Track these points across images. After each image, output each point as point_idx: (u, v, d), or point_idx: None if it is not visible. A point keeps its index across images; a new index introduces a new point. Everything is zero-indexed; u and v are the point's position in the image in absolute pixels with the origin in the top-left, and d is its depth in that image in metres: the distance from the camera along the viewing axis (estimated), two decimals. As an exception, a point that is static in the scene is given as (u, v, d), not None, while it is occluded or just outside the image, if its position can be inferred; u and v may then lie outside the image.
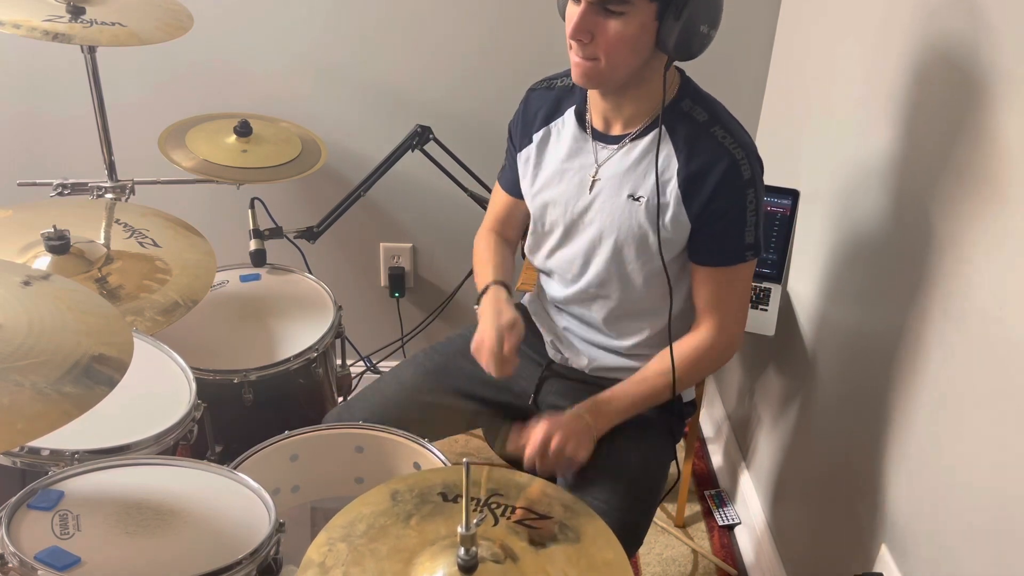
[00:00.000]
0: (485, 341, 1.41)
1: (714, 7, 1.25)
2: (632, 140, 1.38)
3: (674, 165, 1.34)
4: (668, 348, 1.42)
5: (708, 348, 1.43)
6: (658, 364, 1.44)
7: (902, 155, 1.46)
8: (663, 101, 1.34)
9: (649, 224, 1.37)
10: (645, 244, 1.39)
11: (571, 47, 1.29)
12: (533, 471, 1.34)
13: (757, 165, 1.36)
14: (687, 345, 1.44)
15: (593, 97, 1.41)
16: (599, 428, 1.40)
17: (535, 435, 1.35)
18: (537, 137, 1.49)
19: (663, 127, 1.34)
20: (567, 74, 1.42)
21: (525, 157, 1.52)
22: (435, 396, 1.58)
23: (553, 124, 1.48)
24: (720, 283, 1.40)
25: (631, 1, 1.21)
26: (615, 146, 1.39)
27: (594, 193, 1.42)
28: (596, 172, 1.42)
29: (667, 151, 1.35)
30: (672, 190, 1.34)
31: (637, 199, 1.37)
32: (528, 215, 1.56)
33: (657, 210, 1.35)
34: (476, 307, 1.51)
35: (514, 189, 1.59)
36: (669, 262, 1.39)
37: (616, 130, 1.40)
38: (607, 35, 1.24)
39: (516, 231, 1.67)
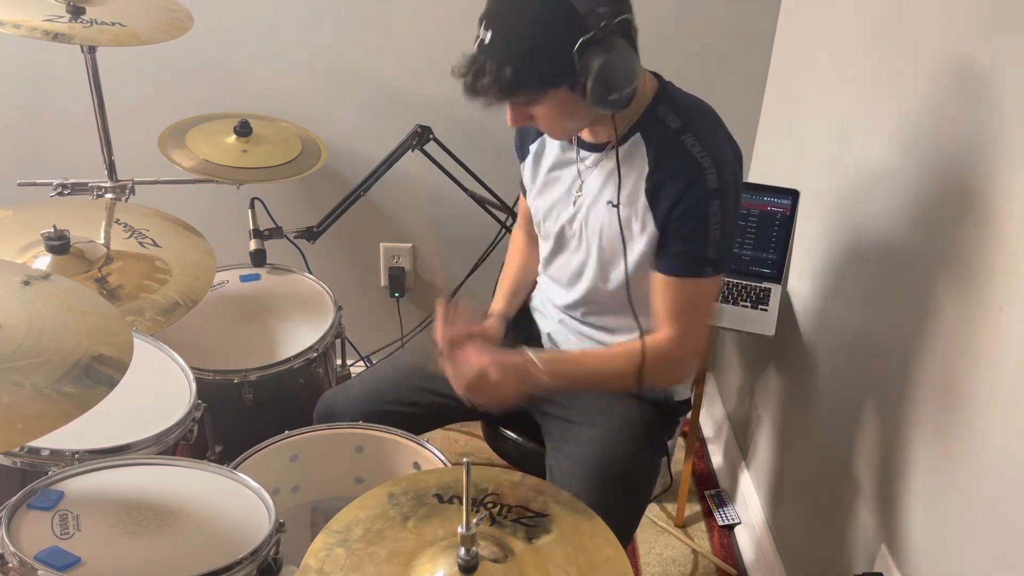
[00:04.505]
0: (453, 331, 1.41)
1: (616, 75, 1.22)
2: (612, 148, 1.38)
3: (644, 172, 1.34)
4: (639, 342, 1.39)
5: (661, 356, 1.38)
6: (626, 352, 1.40)
7: (902, 155, 1.46)
8: (615, 136, 1.34)
9: (625, 230, 1.37)
10: (618, 250, 1.40)
11: None
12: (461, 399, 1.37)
13: (729, 177, 1.31)
14: (648, 342, 1.39)
15: None
16: (544, 386, 1.37)
17: (475, 363, 1.33)
18: (533, 148, 1.52)
19: (640, 134, 1.35)
20: None
21: (525, 167, 1.55)
22: (431, 382, 1.58)
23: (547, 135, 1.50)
24: (676, 294, 1.36)
25: (537, 98, 1.26)
26: (599, 154, 1.41)
27: (580, 201, 1.43)
28: (581, 181, 1.43)
29: (640, 158, 1.35)
30: (640, 196, 1.34)
31: (615, 206, 1.38)
32: None
33: (629, 217, 1.36)
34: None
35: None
36: (650, 268, 1.39)
37: (601, 139, 1.41)
38: (539, 117, 1.31)
39: None
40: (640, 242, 1.37)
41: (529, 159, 1.53)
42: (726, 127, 1.37)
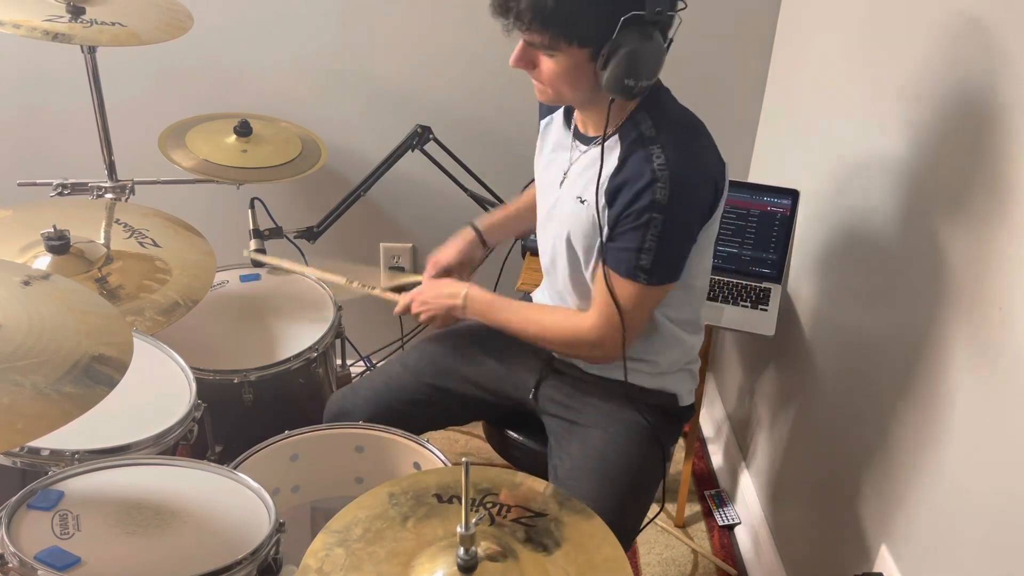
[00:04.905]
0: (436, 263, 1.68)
1: (642, 63, 1.22)
2: (596, 145, 1.38)
3: (609, 174, 1.34)
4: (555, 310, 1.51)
5: (578, 333, 1.44)
6: (558, 316, 1.50)
7: (902, 155, 1.46)
8: (605, 126, 1.33)
9: (591, 227, 1.37)
10: (588, 248, 1.40)
11: None
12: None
13: (683, 196, 1.29)
14: (567, 318, 1.48)
15: None
16: (466, 316, 1.53)
17: (405, 300, 1.58)
18: (543, 124, 1.54)
19: (618, 134, 1.34)
20: None
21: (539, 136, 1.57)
22: (438, 379, 1.60)
23: (556, 114, 1.51)
24: (608, 286, 1.37)
25: (559, 48, 1.24)
26: (586, 147, 1.41)
27: (562, 189, 1.44)
28: (568, 170, 1.43)
29: (613, 160, 1.34)
30: (602, 197, 1.34)
31: (583, 202, 1.38)
32: None
33: (594, 215, 1.36)
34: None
35: None
36: None
37: (591, 132, 1.41)
38: (543, 69, 1.29)
39: None
40: (600, 241, 1.37)
41: (541, 133, 1.55)
42: (711, 148, 1.34)
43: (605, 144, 1.35)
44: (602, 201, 1.34)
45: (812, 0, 1.94)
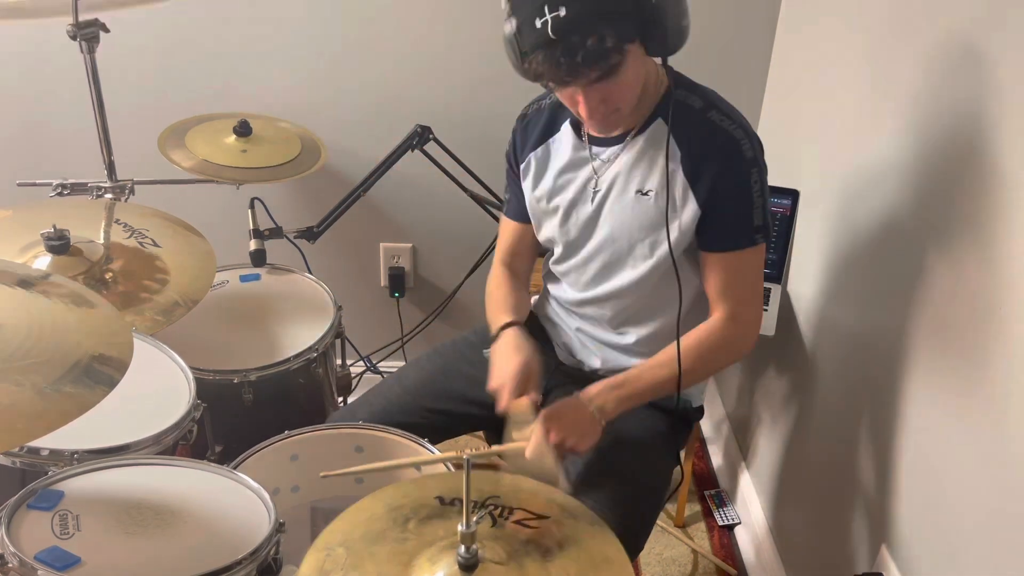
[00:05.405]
0: (506, 384, 1.38)
1: (681, 2, 1.23)
2: (633, 137, 1.38)
3: (677, 154, 1.34)
4: (683, 338, 1.40)
5: (720, 338, 1.40)
6: (690, 339, 1.41)
7: (902, 154, 1.46)
8: (670, 91, 1.34)
9: (660, 217, 1.36)
10: (657, 238, 1.38)
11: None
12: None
13: (758, 146, 1.35)
14: (700, 334, 1.41)
15: None
16: (608, 414, 1.37)
17: (536, 431, 1.32)
18: (536, 155, 1.49)
19: (661, 119, 1.34)
20: (548, 93, 1.45)
21: (524, 172, 1.52)
22: (438, 401, 1.58)
23: (552, 140, 1.47)
24: (730, 270, 1.38)
25: (624, 59, 1.20)
26: (617, 147, 1.39)
27: (599, 198, 1.42)
28: (597, 177, 1.41)
29: (665, 142, 1.33)
30: (680, 179, 1.34)
31: (646, 193, 1.37)
32: (536, 242, 1.57)
33: (663, 203, 1.35)
34: (486, 352, 1.50)
35: (520, 215, 1.58)
36: (682, 253, 1.38)
37: (614, 132, 1.40)
38: (619, 91, 1.26)
39: (527, 260, 1.65)
40: (679, 226, 1.36)
41: (531, 164, 1.49)
42: None
43: (650, 131, 1.36)
44: (678, 183, 1.34)
45: (812, 1, 1.94)
